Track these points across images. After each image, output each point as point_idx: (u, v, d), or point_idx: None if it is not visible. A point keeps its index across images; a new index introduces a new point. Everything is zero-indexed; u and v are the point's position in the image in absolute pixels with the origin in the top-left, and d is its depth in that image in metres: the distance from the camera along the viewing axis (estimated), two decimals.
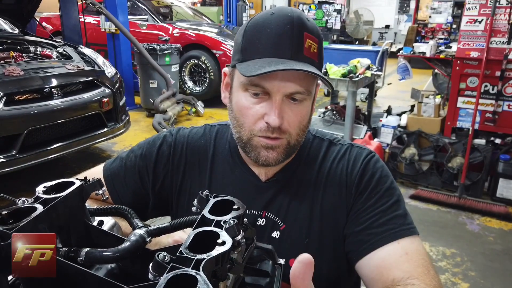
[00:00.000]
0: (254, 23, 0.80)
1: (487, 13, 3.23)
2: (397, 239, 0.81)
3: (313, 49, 0.79)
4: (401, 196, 0.90)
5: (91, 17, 6.55)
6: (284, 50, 0.76)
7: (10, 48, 3.71)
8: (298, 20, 0.77)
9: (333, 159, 0.92)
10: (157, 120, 4.96)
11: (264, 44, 0.77)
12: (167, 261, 0.47)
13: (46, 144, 3.25)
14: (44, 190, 0.60)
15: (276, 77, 0.77)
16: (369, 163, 0.90)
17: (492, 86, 3.38)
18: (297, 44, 0.76)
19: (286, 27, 0.76)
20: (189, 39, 6.53)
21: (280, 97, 0.78)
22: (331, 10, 8.88)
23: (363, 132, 4.19)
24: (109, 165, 1.02)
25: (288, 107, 0.80)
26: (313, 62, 0.78)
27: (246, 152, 0.86)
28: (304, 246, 0.88)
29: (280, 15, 0.77)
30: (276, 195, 0.91)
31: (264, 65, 0.75)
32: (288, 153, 0.85)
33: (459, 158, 3.50)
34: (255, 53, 0.78)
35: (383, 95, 7.55)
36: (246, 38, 0.80)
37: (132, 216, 0.69)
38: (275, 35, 0.76)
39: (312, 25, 0.79)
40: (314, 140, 0.96)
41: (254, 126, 0.81)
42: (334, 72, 3.84)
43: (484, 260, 2.71)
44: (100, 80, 3.75)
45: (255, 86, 0.79)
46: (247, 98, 0.81)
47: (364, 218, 0.85)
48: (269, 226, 0.90)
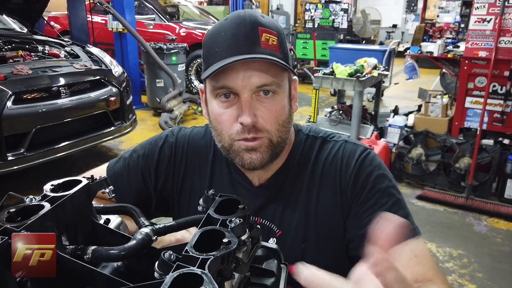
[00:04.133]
0: (210, 32, 0.82)
1: (496, 12, 3.20)
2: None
3: (272, 42, 0.78)
4: (401, 195, 0.86)
5: (98, 17, 6.58)
6: (240, 47, 0.75)
7: (18, 47, 3.75)
8: (250, 17, 0.77)
9: (325, 158, 0.89)
10: (163, 119, 4.98)
11: (221, 47, 0.77)
12: (173, 259, 0.47)
13: (54, 143, 3.28)
14: (51, 188, 0.60)
15: (238, 73, 0.76)
16: (364, 161, 0.86)
17: (501, 86, 3.34)
18: (252, 39, 0.76)
19: (239, 26, 0.76)
20: (195, 39, 6.54)
21: (248, 94, 0.77)
22: (338, 9, 8.84)
23: (370, 132, 4.17)
24: (112, 165, 1.02)
25: (259, 104, 0.79)
26: (273, 53, 0.77)
27: (231, 159, 0.85)
28: (301, 251, 0.87)
29: (233, 18, 0.78)
30: (269, 201, 0.90)
31: (220, 64, 0.75)
32: (273, 152, 0.83)
33: (466, 158, 3.47)
34: (214, 58, 0.78)
35: (390, 94, 7.50)
36: (205, 47, 0.82)
37: (138, 215, 0.69)
38: (230, 35, 0.77)
39: (267, 20, 0.79)
40: (306, 140, 0.93)
41: (231, 130, 0.80)
42: (341, 71, 3.83)
43: (491, 262, 2.68)
44: (108, 79, 3.77)
45: (221, 88, 0.79)
46: (219, 105, 0.81)
47: (365, 221, 0.82)
48: (265, 232, 0.89)
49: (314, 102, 3.98)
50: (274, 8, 12.63)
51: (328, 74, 3.87)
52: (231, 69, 0.76)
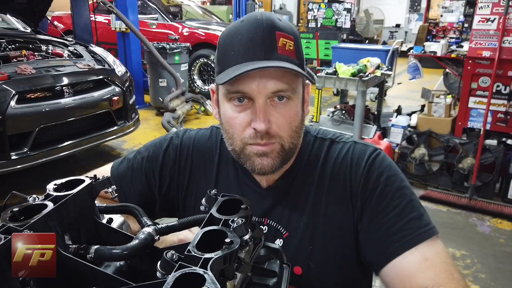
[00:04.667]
0: (226, 34, 0.80)
1: (500, 12, 3.19)
2: (415, 245, 0.77)
3: (289, 47, 0.77)
4: (414, 195, 0.84)
5: (101, 16, 6.60)
6: (256, 53, 0.75)
7: (22, 46, 3.76)
8: (268, 20, 0.76)
9: (335, 160, 0.88)
10: (166, 119, 4.99)
11: (237, 51, 0.76)
12: (175, 259, 0.47)
13: (57, 142, 3.29)
14: (54, 187, 0.60)
15: (254, 79, 0.75)
16: (374, 162, 0.85)
17: (505, 86, 3.33)
18: (269, 44, 0.75)
19: (256, 30, 0.75)
20: (198, 38, 6.54)
21: (262, 99, 0.77)
22: (341, 9, 8.83)
23: (373, 132, 4.16)
24: (116, 166, 1.02)
25: (274, 110, 0.78)
26: (290, 59, 0.77)
27: (242, 163, 0.85)
28: (308, 253, 0.86)
29: (250, 20, 0.77)
30: (277, 202, 0.90)
31: (237, 70, 0.74)
32: (284, 158, 0.82)
33: (470, 158, 3.46)
34: (229, 62, 0.77)
35: (393, 94, 7.48)
36: (220, 49, 0.81)
37: (141, 214, 0.69)
38: (247, 40, 0.76)
39: (284, 24, 0.78)
40: (315, 141, 0.92)
41: (244, 134, 0.80)
42: (344, 71, 3.82)
43: (494, 262, 2.67)
44: (111, 78, 3.78)
45: (235, 93, 0.78)
46: (232, 108, 0.80)
47: (377, 225, 0.81)
48: (272, 233, 0.89)
49: (316, 102, 3.97)
50: (277, 7, 12.61)
51: (331, 74, 3.86)
52: (246, 75, 0.74)
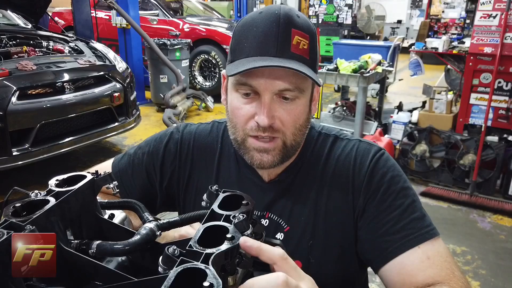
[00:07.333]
0: (242, 24, 0.80)
1: (502, 8, 3.17)
2: (417, 244, 0.78)
3: (303, 46, 0.76)
4: (416, 196, 0.85)
5: (102, 12, 6.59)
6: (269, 48, 0.74)
7: (23, 43, 3.75)
8: (285, 16, 0.75)
9: (338, 156, 0.89)
10: (167, 115, 4.99)
11: (250, 44, 0.76)
12: (176, 254, 0.47)
13: (58, 138, 3.30)
14: (56, 183, 0.60)
15: (263, 75, 0.75)
16: (379, 162, 0.86)
17: (506, 83, 3.32)
18: (283, 41, 0.74)
19: (272, 25, 0.74)
20: (199, 34, 6.53)
21: (268, 95, 0.77)
22: (342, 4, 8.81)
23: (374, 128, 4.15)
24: (117, 161, 1.02)
25: (279, 106, 0.78)
26: (302, 59, 0.76)
27: (241, 154, 0.85)
28: (308, 247, 0.86)
29: (268, 13, 0.76)
30: (278, 196, 0.90)
31: (246, 64, 0.74)
32: (285, 155, 0.82)
33: (471, 155, 3.45)
34: (241, 53, 0.77)
35: (394, 91, 7.47)
36: (234, 38, 0.80)
37: (142, 210, 0.70)
38: (261, 33, 0.75)
39: (302, 21, 0.77)
40: (319, 137, 0.92)
41: (246, 126, 0.80)
42: (345, 67, 3.81)
43: (495, 259, 2.68)
44: (111, 74, 3.78)
45: (243, 85, 0.78)
46: (238, 99, 0.80)
47: (379, 223, 0.82)
48: (273, 227, 0.89)
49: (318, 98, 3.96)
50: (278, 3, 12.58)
51: (332, 70, 3.86)
52: (256, 69, 0.74)
